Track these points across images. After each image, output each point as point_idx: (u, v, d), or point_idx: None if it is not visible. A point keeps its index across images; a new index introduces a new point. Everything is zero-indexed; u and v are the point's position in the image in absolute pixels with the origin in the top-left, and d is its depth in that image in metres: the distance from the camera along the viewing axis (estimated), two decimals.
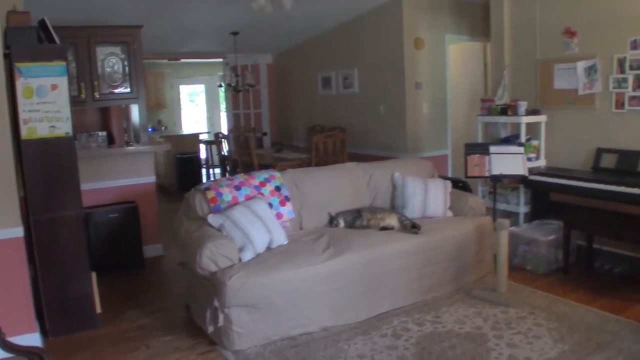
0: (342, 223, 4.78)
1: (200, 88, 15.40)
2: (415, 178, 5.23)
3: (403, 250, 4.40)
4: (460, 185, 5.74)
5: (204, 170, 11.13)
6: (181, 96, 14.94)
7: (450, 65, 7.94)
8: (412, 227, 4.63)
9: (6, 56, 3.97)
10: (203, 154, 11.30)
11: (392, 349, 3.75)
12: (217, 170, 10.81)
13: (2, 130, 3.84)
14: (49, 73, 4.06)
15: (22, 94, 4.00)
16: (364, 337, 3.95)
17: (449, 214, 5.16)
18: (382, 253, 4.30)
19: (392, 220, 4.74)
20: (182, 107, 14.99)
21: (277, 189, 4.63)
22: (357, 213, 4.79)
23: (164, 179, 10.92)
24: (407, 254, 4.41)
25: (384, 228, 4.68)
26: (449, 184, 5.30)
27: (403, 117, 7.50)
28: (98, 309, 4.40)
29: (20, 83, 3.99)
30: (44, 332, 4.23)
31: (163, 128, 13.59)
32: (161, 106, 13.88)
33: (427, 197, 5.08)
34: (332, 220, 4.83)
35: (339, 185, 5.06)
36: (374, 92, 8.04)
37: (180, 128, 14.43)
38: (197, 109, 15.63)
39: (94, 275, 4.35)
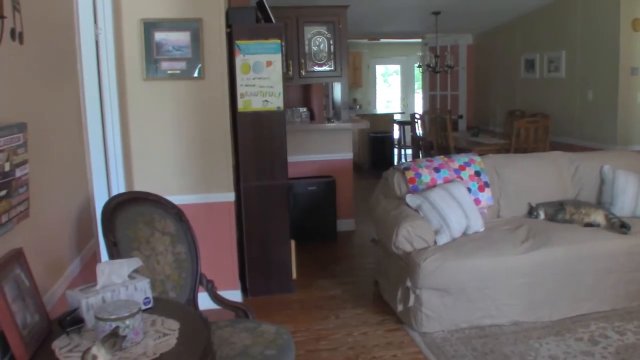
0: (542, 215, 4.54)
1: (393, 68, 15.48)
2: (627, 173, 4.79)
3: (609, 250, 4.07)
4: None
5: (395, 150, 11.20)
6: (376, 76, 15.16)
7: None
8: (620, 227, 4.26)
9: (227, 34, 4.28)
10: (396, 134, 11.37)
11: (587, 355, 3.50)
12: (409, 151, 10.83)
13: (223, 103, 4.18)
14: (265, 50, 4.33)
15: (240, 70, 4.31)
16: (557, 338, 3.74)
17: None
18: (585, 251, 4.02)
19: (598, 217, 4.41)
20: (377, 86, 15.19)
21: (477, 173, 4.52)
22: (560, 206, 4.52)
23: (356, 157, 11.16)
24: (614, 255, 4.07)
25: (589, 224, 4.36)
26: None
27: (614, 105, 6.89)
28: (294, 275, 4.66)
29: (239, 59, 4.30)
30: (243, 291, 4.57)
31: (358, 107, 13.89)
32: (357, 85, 14.17)
33: None
34: (532, 211, 4.61)
35: (542, 175, 4.79)
36: (582, 78, 7.48)
37: (374, 107, 14.64)
38: (390, 89, 15.74)
39: (293, 243, 4.60)
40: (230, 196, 4.28)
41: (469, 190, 4.38)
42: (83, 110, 3.24)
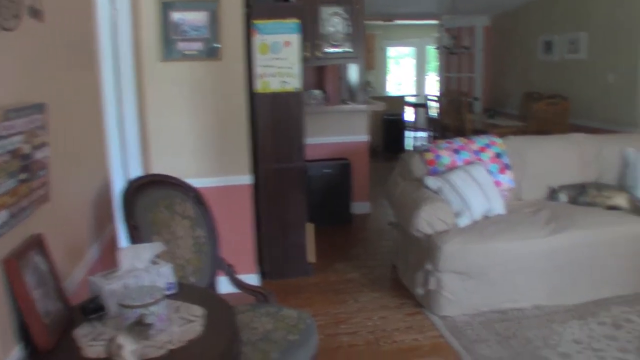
0: (564, 197, 4.47)
1: (404, 50, 15.36)
2: None
3: (632, 233, 4.00)
4: None
5: (407, 133, 11.11)
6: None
7: None
8: None
9: (245, 14, 4.21)
10: (406, 117, 11.26)
11: (611, 339, 3.46)
12: (422, 134, 10.74)
13: (240, 84, 4.11)
14: (283, 30, 4.26)
15: (258, 50, 4.24)
16: (579, 322, 3.69)
17: None
18: (608, 234, 3.96)
19: (621, 200, 4.32)
20: (388, 69, 15.09)
21: (498, 155, 4.44)
22: (582, 188, 4.45)
23: (370, 140, 11.08)
24: (637, 239, 4.00)
25: (612, 207, 4.29)
26: None
27: (635, 87, 6.76)
28: (312, 258, 4.62)
29: (257, 39, 4.23)
30: (261, 274, 4.54)
31: (369, 89, 13.77)
32: (370, 67, 14.03)
33: None
34: (553, 194, 4.54)
35: (564, 157, 4.70)
36: (603, 59, 7.31)
37: (385, 90, 14.55)
38: (401, 71, 15.64)
39: (310, 226, 4.56)
40: (248, 179, 4.23)
41: (490, 172, 4.31)
42: (101, 92, 3.19)
